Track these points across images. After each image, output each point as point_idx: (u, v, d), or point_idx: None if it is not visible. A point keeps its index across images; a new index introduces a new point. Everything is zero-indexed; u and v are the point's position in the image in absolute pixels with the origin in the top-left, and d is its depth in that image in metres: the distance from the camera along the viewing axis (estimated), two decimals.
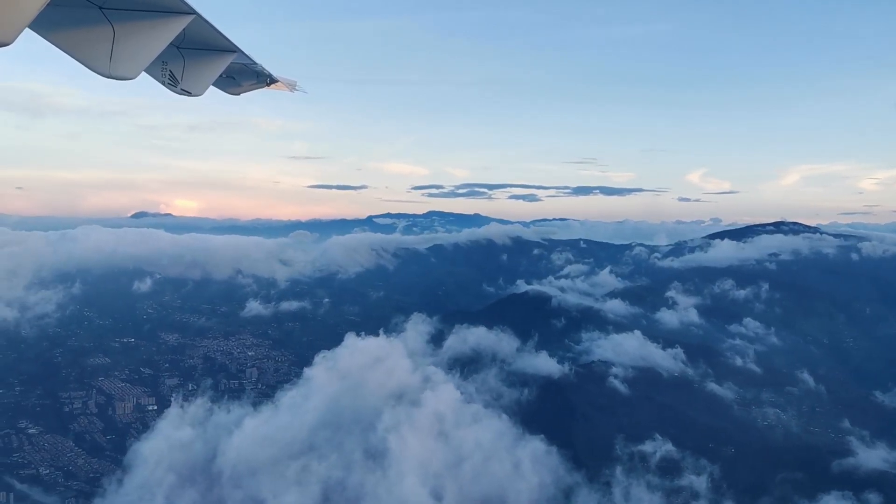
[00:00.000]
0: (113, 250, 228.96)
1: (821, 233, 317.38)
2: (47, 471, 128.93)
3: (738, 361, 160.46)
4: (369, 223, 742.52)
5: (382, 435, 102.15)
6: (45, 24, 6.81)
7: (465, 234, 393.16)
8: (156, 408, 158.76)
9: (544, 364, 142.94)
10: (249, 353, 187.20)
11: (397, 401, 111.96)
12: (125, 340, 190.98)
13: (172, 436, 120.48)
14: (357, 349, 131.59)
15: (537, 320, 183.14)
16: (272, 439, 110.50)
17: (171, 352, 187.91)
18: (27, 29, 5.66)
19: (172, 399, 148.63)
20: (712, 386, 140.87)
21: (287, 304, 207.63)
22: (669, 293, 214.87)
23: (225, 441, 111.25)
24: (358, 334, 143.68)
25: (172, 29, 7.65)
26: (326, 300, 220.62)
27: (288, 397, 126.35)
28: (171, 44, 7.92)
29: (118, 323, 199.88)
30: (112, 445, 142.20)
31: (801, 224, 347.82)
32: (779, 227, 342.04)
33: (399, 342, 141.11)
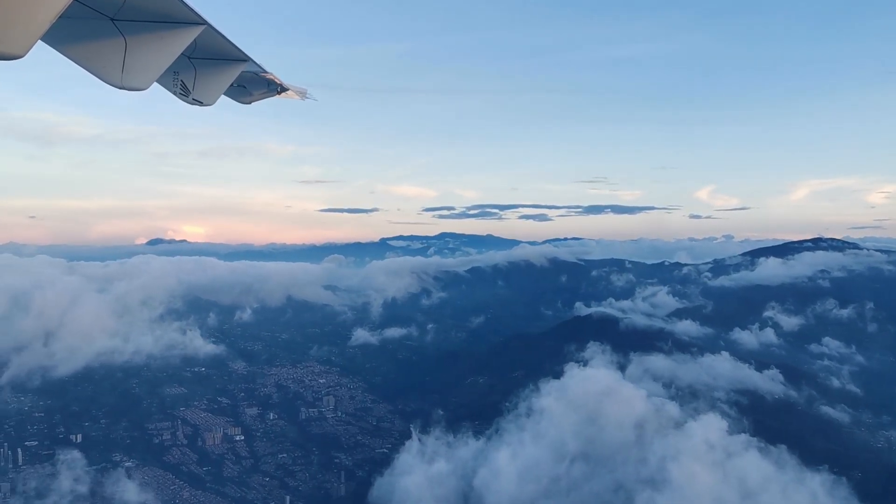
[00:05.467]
0: (178, 280, 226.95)
1: (866, 249, 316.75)
2: None
3: (836, 382, 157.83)
4: (383, 246, 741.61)
5: (659, 467, 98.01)
6: (57, 37, 6.85)
7: (502, 256, 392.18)
8: (243, 437, 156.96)
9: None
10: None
11: (642, 432, 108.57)
12: (196, 370, 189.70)
13: (428, 471, 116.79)
14: (582, 378, 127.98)
15: (615, 344, 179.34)
16: (530, 474, 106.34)
17: (243, 380, 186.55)
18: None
19: (412, 429, 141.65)
20: (826, 409, 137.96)
21: (391, 330, 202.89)
22: (768, 313, 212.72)
23: (478, 476, 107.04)
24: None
25: (184, 40, 7.65)
26: (431, 325, 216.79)
27: (519, 428, 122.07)
28: (182, 54, 7.94)
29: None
30: (211, 477, 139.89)
31: (838, 239, 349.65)
32: (817, 243, 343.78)
33: (607, 371, 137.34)
